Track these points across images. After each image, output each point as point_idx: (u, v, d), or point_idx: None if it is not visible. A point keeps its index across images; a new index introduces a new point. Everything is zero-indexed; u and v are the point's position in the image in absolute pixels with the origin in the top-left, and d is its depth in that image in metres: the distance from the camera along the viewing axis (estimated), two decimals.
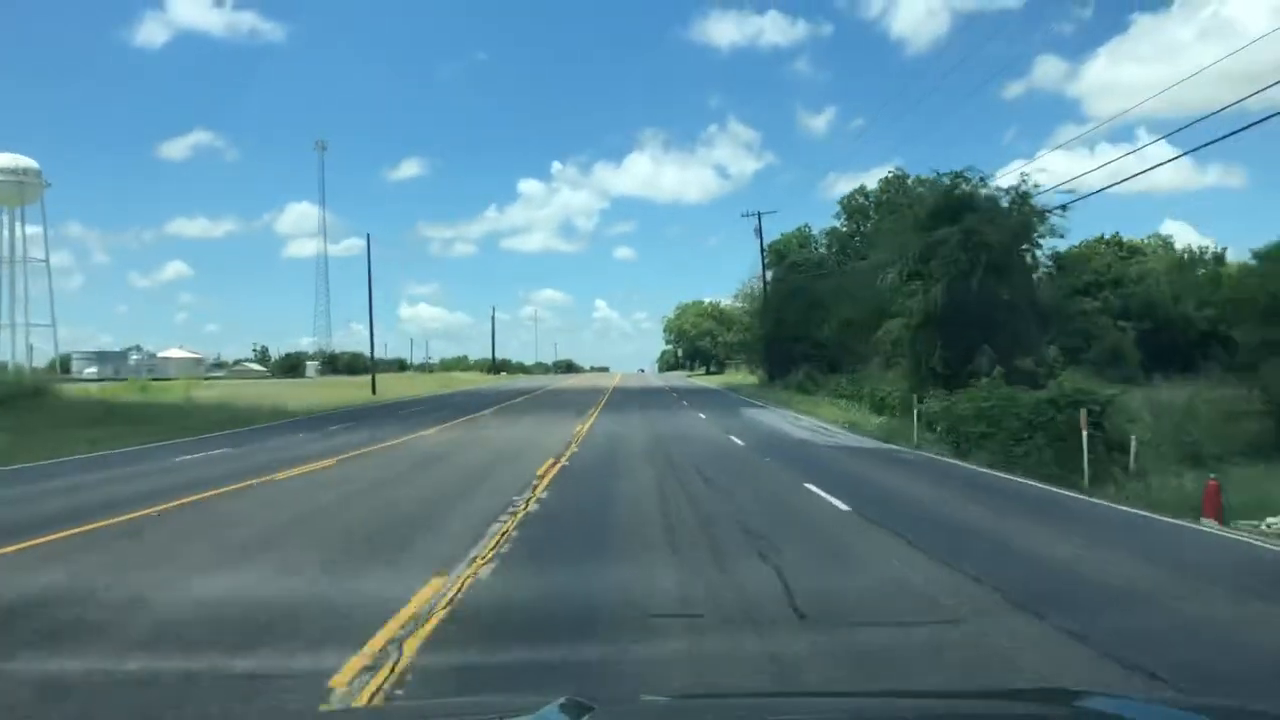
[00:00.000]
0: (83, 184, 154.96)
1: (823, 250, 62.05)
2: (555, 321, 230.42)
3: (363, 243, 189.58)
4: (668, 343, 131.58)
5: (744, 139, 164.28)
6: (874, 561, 8.48)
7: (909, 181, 58.85)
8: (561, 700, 2.09)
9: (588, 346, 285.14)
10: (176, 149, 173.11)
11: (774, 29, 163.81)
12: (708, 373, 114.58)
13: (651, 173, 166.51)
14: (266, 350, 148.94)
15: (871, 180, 62.81)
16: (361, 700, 4.68)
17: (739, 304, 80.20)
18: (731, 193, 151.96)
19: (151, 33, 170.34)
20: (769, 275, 54.80)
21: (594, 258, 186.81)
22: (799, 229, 70.67)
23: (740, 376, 72.97)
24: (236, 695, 4.90)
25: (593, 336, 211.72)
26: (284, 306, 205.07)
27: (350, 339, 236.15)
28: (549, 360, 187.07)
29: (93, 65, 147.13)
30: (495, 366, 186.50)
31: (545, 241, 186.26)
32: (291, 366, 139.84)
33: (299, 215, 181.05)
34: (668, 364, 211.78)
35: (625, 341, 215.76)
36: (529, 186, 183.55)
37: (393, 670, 5.11)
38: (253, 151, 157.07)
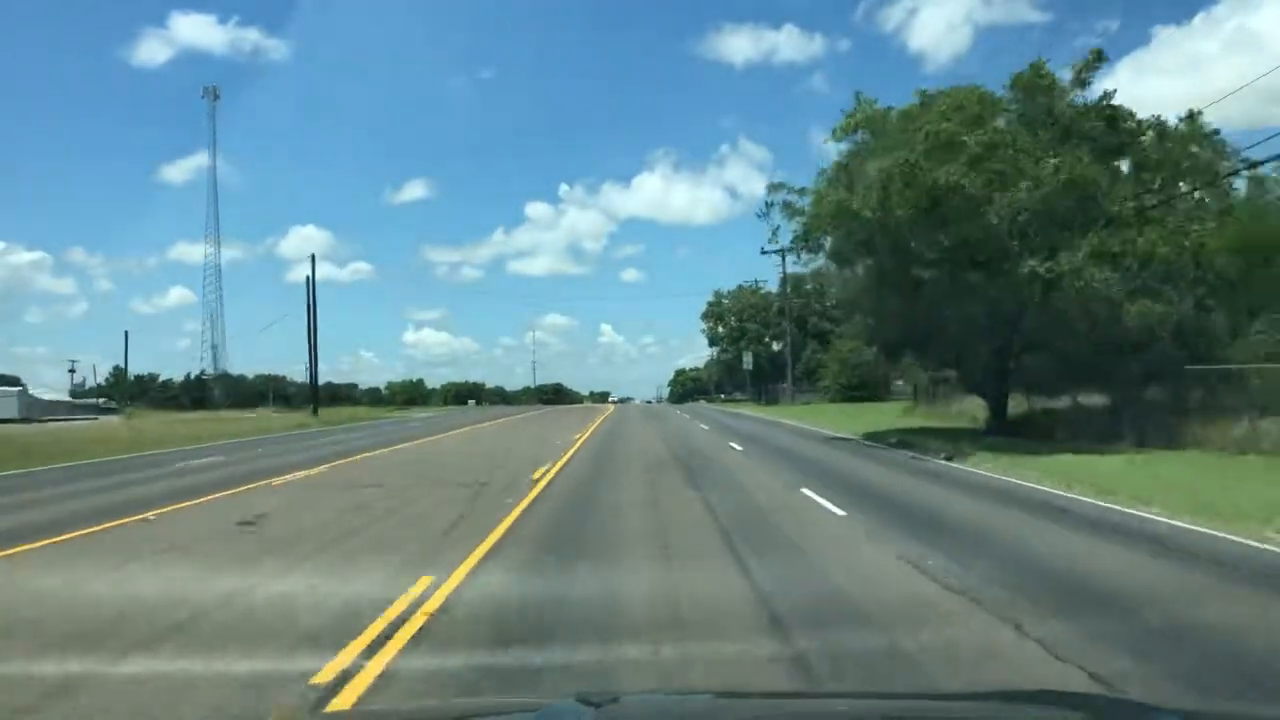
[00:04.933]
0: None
1: None
2: (560, 346, 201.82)
3: (369, 267, 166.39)
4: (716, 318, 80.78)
5: (756, 158, 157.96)
6: None
7: None
8: (567, 698, 2.07)
9: (593, 372, 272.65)
10: (177, 172, 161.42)
11: (789, 45, 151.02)
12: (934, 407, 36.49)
13: (661, 194, 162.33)
14: (124, 371, 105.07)
15: None
16: None
17: None
18: (742, 213, 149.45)
19: (153, 51, 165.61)
20: None
21: (601, 281, 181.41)
22: None
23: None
24: None
25: (598, 362, 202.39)
26: (281, 330, 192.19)
27: (353, 367, 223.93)
28: (554, 384, 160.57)
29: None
30: (464, 393, 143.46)
31: (552, 265, 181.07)
32: (141, 392, 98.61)
33: (302, 239, 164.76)
34: (684, 388, 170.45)
35: (631, 367, 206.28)
36: (536, 209, 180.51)
37: None
38: (254, 174, 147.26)
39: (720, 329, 77.64)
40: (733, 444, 22.89)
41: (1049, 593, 6.46)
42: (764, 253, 54.74)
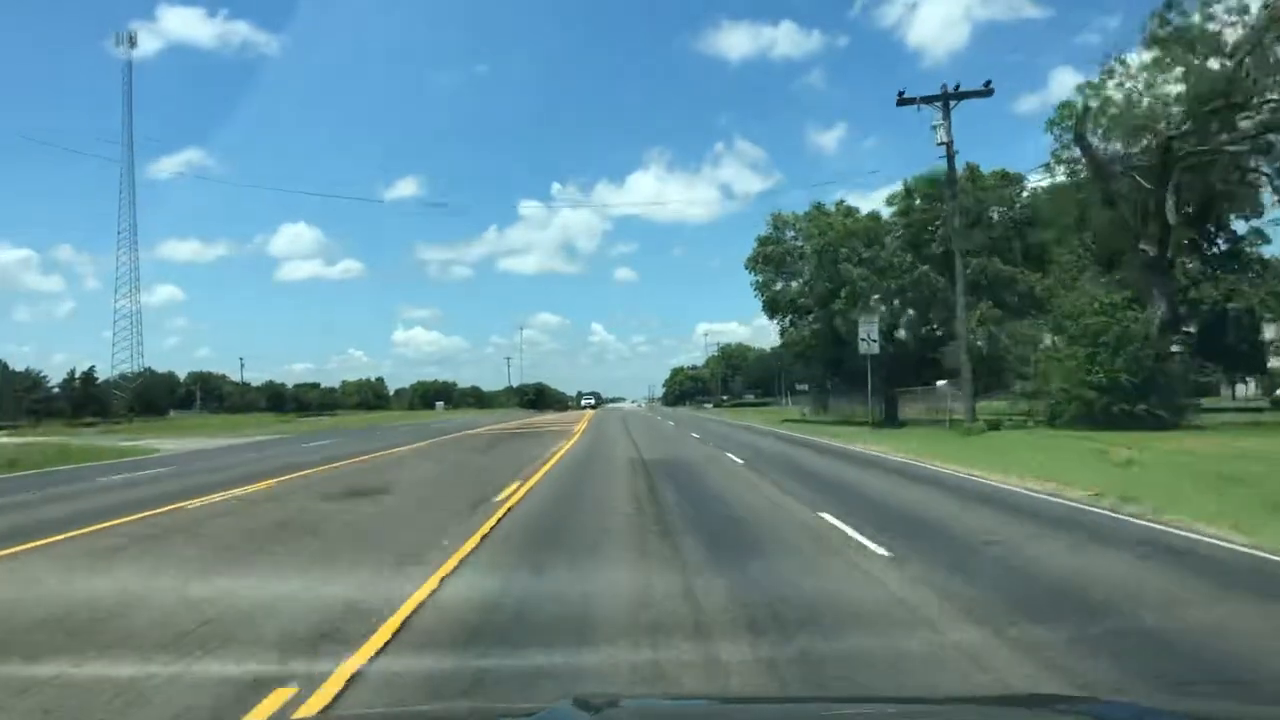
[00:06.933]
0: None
1: None
2: (551, 345, 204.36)
3: (363, 266, 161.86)
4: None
5: (750, 156, 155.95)
6: None
7: None
8: (565, 701, 2.05)
9: (583, 371, 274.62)
10: (166, 168, 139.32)
11: (787, 41, 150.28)
12: None
13: (656, 192, 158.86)
14: (5, 368, 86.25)
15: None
16: None
17: None
18: (736, 213, 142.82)
19: (144, 45, 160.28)
20: None
21: (594, 280, 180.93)
22: None
23: None
24: None
25: (589, 360, 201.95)
26: (275, 328, 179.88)
27: (350, 365, 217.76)
28: (536, 385, 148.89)
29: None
30: (433, 393, 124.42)
31: (545, 263, 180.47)
32: (15, 397, 78.43)
33: (293, 236, 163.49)
34: (680, 389, 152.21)
35: (622, 365, 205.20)
36: (529, 208, 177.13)
37: None
38: (245, 171, 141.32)
39: (783, 285, 39.61)
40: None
41: None
42: (902, 102, 25.58)
